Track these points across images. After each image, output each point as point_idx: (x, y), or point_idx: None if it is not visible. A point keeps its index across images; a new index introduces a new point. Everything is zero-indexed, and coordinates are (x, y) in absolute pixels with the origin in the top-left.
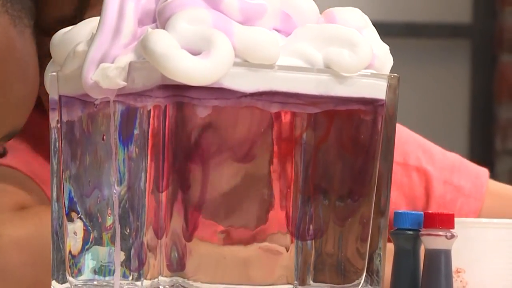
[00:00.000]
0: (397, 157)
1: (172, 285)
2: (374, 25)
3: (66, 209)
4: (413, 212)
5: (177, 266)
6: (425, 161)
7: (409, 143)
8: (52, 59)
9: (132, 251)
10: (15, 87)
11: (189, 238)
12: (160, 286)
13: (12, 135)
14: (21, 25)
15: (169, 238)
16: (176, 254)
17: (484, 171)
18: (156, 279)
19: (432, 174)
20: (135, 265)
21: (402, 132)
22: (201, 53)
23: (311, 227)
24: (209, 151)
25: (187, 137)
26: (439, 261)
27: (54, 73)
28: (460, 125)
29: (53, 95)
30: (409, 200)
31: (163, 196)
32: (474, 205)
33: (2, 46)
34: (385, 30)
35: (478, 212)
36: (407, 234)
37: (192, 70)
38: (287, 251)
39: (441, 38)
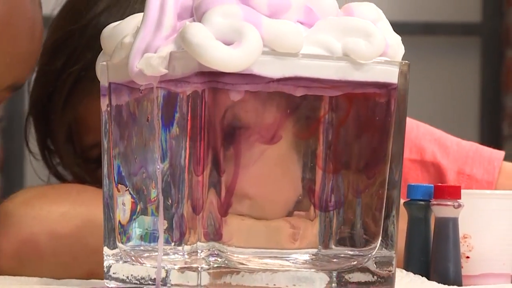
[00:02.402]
0: (415, 154)
1: (209, 249)
2: (392, 25)
3: (115, 183)
4: (424, 184)
5: (214, 236)
6: (440, 155)
7: (426, 139)
8: (102, 51)
9: (174, 220)
10: (24, 43)
11: (224, 213)
12: (198, 251)
13: (14, 88)
14: None
15: (206, 212)
16: (212, 226)
17: (498, 155)
18: (195, 245)
19: (446, 166)
20: (177, 233)
21: (419, 129)
22: (233, 43)
23: (332, 199)
24: (240, 131)
25: (222, 119)
26: (448, 228)
27: (104, 63)
28: (471, 113)
29: (103, 82)
30: None
31: (200, 172)
32: (486, 188)
33: (17, 6)
34: (403, 29)
35: None
36: (419, 204)
37: (225, 59)
38: (312, 220)
39: (453, 36)
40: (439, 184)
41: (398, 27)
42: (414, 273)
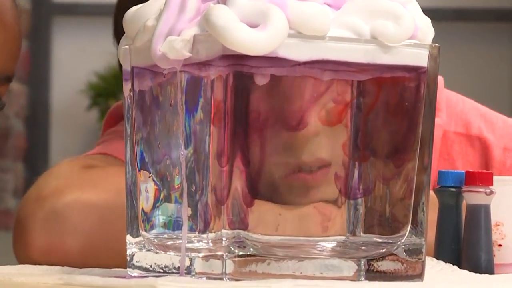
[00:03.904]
0: (460, 127)
1: (234, 237)
2: (424, 11)
3: (138, 170)
4: (456, 171)
5: (239, 225)
6: (486, 130)
7: (472, 114)
8: (125, 34)
9: (198, 207)
10: None
11: (249, 203)
12: (223, 238)
13: (2, 79)
14: None
15: (230, 200)
16: (237, 216)
17: None
18: (220, 232)
19: (492, 142)
20: (201, 220)
21: (465, 103)
22: (258, 26)
23: (360, 186)
24: (266, 117)
25: (247, 103)
26: (480, 215)
27: (127, 47)
28: (503, 100)
29: (126, 66)
30: (474, 168)
31: (224, 159)
32: None
33: None
34: (434, 15)
35: None
36: (450, 191)
37: (250, 41)
38: (339, 207)
39: (486, 22)
40: (470, 170)
41: (430, 13)
42: (445, 262)
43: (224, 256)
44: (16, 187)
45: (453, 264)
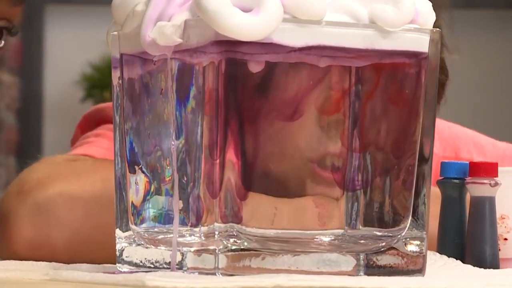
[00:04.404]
0: (449, 152)
1: (227, 230)
2: None
3: (128, 161)
4: (459, 162)
5: (233, 219)
6: (476, 153)
7: (460, 138)
8: (113, 20)
9: (190, 200)
10: None
11: (243, 197)
12: (216, 232)
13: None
14: None
15: (223, 193)
16: (230, 208)
17: None
18: (212, 225)
19: None
20: (193, 214)
21: (452, 129)
22: (252, 10)
23: (359, 177)
24: (260, 106)
25: (240, 92)
26: (484, 208)
27: (115, 33)
28: None
29: (114, 53)
30: None
31: (217, 150)
32: None
33: None
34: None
35: None
36: (453, 182)
37: (243, 26)
38: (337, 200)
39: (496, 9)
40: (474, 161)
41: None
42: (448, 256)
43: (217, 251)
44: (8, 182)
45: (457, 259)
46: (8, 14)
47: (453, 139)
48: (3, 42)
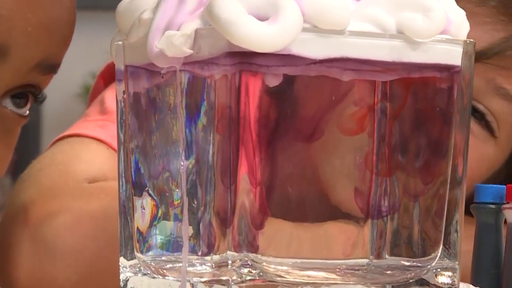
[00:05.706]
0: None
1: (241, 260)
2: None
3: (133, 183)
4: (495, 185)
5: (247, 247)
6: None
7: None
8: (118, 28)
9: (201, 225)
10: (48, 9)
11: (259, 226)
12: (229, 261)
13: (47, 68)
14: None
15: (237, 219)
16: (245, 235)
17: None
18: (225, 254)
19: None
20: (204, 241)
21: None
22: (269, 19)
23: (386, 203)
24: (277, 124)
25: (255, 108)
26: None
27: (120, 43)
28: None
29: (119, 65)
30: None
31: (231, 173)
32: None
33: None
34: None
35: None
36: (489, 208)
37: (259, 36)
38: (362, 226)
39: None
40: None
41: None
42: None
43: (230, 281)
44: (4, 204)
45: None
46: (38, 81)
47: None
48: (28, 111)
